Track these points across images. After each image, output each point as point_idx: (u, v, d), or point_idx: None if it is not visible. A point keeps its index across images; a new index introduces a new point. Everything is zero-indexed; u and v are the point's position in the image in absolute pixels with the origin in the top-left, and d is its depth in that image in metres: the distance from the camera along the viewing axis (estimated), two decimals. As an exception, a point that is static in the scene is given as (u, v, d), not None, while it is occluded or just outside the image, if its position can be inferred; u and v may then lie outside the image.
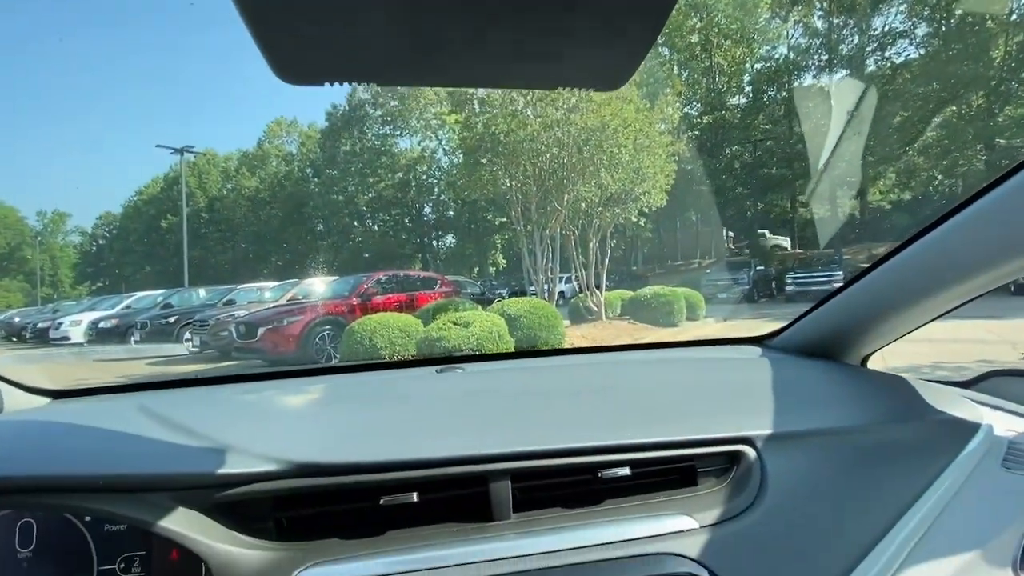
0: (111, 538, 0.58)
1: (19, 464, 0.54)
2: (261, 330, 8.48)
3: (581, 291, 10.88)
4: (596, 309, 9.99)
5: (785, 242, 20.91)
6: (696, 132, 21.74)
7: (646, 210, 10.38)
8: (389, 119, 27.97)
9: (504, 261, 27.04)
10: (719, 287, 14.65)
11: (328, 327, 9.06)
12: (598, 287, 10.40)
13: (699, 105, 23.91)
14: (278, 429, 0.73)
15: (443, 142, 26.21)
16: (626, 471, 0.65)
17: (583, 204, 9.61)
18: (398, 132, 28.34)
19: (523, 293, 11.86)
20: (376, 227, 28.94)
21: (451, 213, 28.08)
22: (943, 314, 0.91)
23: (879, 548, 0.62)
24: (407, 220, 29.06)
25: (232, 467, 0.58)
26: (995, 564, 0.66)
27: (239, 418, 0.75)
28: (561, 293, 11.93)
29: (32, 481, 0.52)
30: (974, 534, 0.68)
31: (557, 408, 0.83)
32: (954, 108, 17.18)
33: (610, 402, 0.86)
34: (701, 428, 0.71)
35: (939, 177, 19.13)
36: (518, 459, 0.64)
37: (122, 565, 0.57)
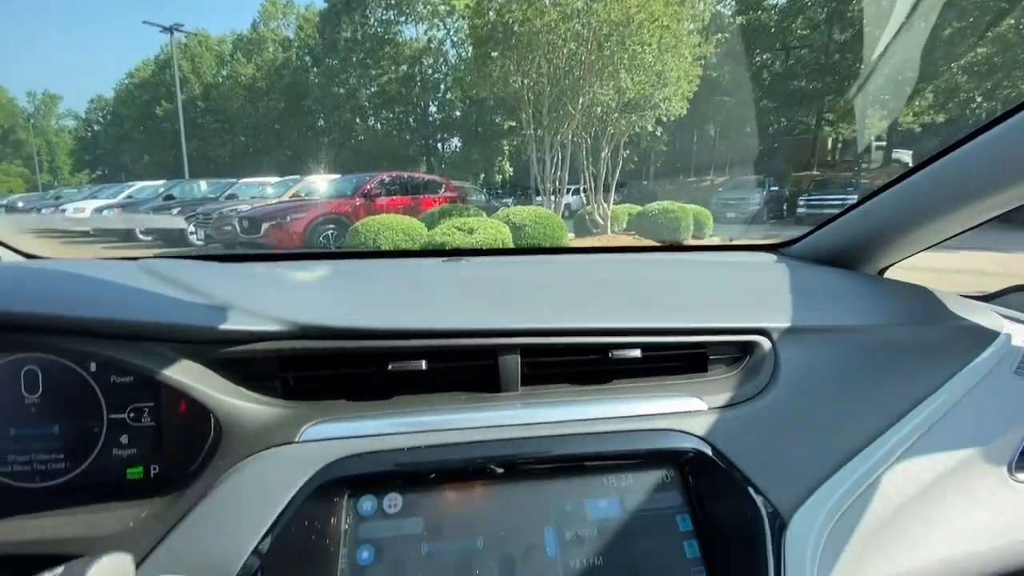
0: (118, 388, 0.58)
1: (13, 302, 0.52)
2: (265, 226, 8.45)
3: (588, 203, 10.66)
4: (602, 222, 9.86)
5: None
6: (726, 35, 19.98)
7: (664, 119, 9.83)
8: (393, 2, 25.65)
9: (511, 169, 26.22)
10: (729, 206, 14.32)
11: (332, 226, 9.02)
12: (606, 200, 10.17)
13: (733, 3, 21.76)
14: (285, 295, 0.71)
15: (451, 32, 24.25)
16: (637, 353, 0.64)
17: (599, 109, 9.07)
18: (403, 18, 26.11)
19: (529, 202, 11.64)
20: (379, 125, 27.72)
21: (457, 114, 26.74)
22: (966, 230, 0.89)
23: (882, 439, 0.63)
24: (411, 119, 27.77)
25: (236, 324, 0.56)
26: (992, 462, 0.68)
27: (244, 284, 0.72)
28: (567, 205, 11.70)
29: (29, 319, 0.50)
30: (977, 433, 0.68)
31: (568, 293, 0.81)
32: (1012, 21, 15.59)
33: (622, 292, 0.84)
34: (716, 318, 0.69)
35: (979, 99, 17.87)
36: (528, 335, 0.62)
37: (132, 415, 0.58)
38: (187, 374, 0.54)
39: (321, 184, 11.33)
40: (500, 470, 0.54)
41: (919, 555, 0.59)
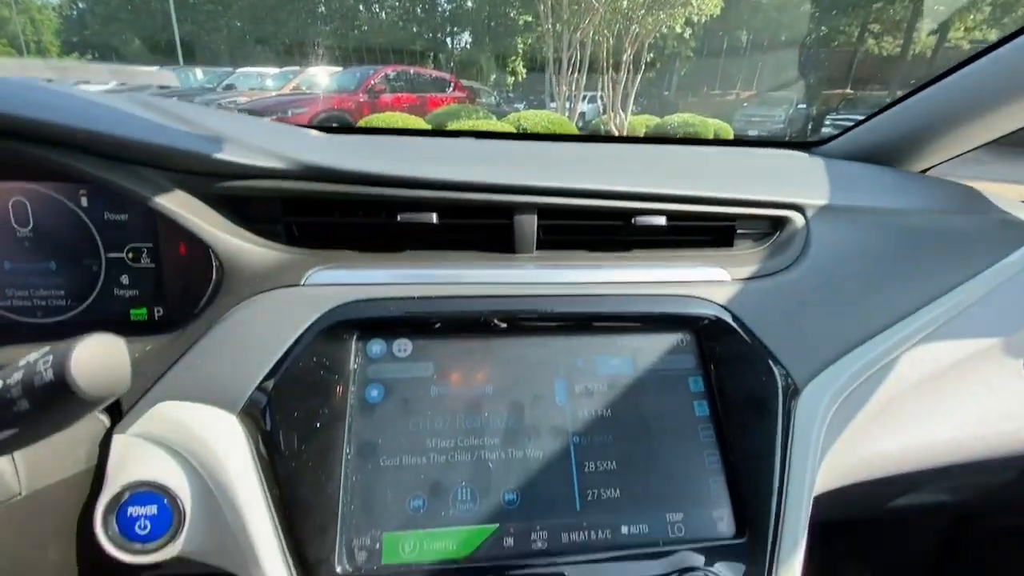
0: (113, 226, 0.55)
1: None
2: (265, 120, 8.11)
3: (604, 112, 10.11)
4: (618, 134, 9.40)
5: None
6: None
7: (695, 19, 9.00)
8: None
9: (524, 71, 24.56)
10: (752, 123, 13.57)
11: (334, 124, 8.68)
12: (624, 109, 9.62)
13: None
14: (287, 137, 0.66)
15: (466, -94, 21.54)
16: (661, 221, 0.60)
17: (624, 2, 8.27)
18: None
19: (542, 107, 11.04)
20: (384, 14, 25.60)
21: (469, 4, 24.56)
22: (1015, 131, 0.82)
23: (906, 321, 0.61)
24: (418, 9, 25.58)
25: (234, 156, 0.52)
26: (1010, 354, 0.67)
27: (246, 124, 0.67)
28: (582, 113, 11.10)
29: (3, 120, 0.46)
30: (1001, 325, 0.67)
31: (591, 160, 0.75)
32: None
33: (648, 164, 0.78)
34: (748, 192, 0.64)
35: (1040, 15, 16.20)
36: (546, 194, 0.58)
37: (130, 255, 0.55)
38: (183, 206, 0.51)
39: (323, 77, 10.74)
40: (512, 324, 0.53)
41: (926, 432, 0.59)
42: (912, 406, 0.60)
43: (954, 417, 0.61)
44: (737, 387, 0.53)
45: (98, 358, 0.26)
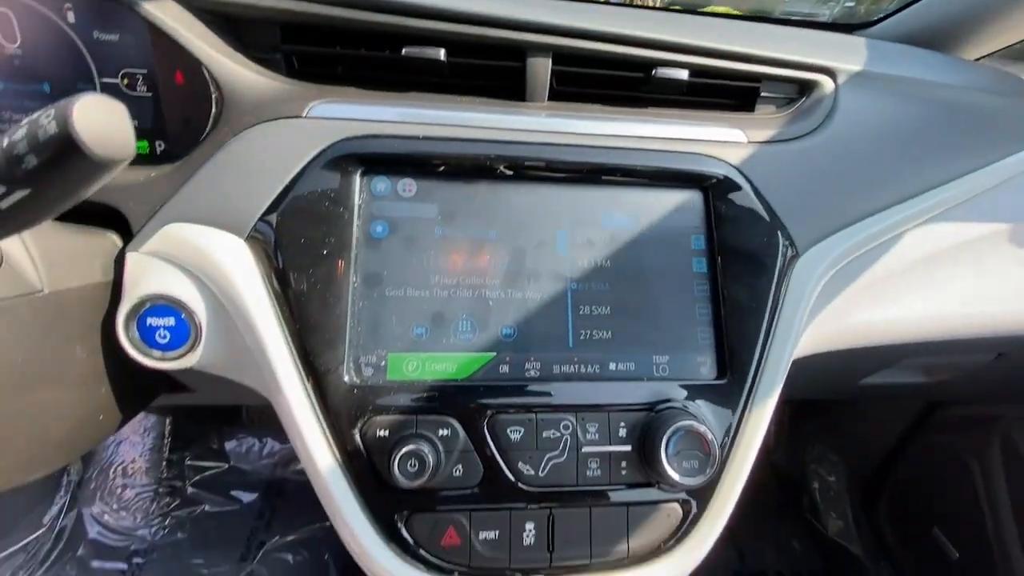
0: (105, 47, 0.52)
1: None
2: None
3: (631, 2, 9.17)
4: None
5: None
6: None
7: None
8: None
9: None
10: (792, 21, 12.38)
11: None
12: (653, -5, 8.71)
13: None
14: None
15: None
16: (683, 75, 0.57)
17: None
18: None
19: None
20: None
21: None
22: None
23: (918, 199, 0.60)
24: None
25: None
26: (1014, 243, 0.66)
27: None
28: None
29: None
30: (1011, 213, 0.66)
31: (612, 12, 0.69)
32: None
33: (671, 14, 0.72)
34: (777, 51, 0.60)
35: None
36: (563, 34, 0.54)
37: (125, 81, 0.53)
38: (175, 20, 0.48)
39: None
40: (518, 171, 0.52)
41: (916, 306, 0.61)
42: (906, 281, 0.60)
43: (945, 295, 0.62)
44: (738, 247, 0.54)
45: (100, 113, 0.26)
